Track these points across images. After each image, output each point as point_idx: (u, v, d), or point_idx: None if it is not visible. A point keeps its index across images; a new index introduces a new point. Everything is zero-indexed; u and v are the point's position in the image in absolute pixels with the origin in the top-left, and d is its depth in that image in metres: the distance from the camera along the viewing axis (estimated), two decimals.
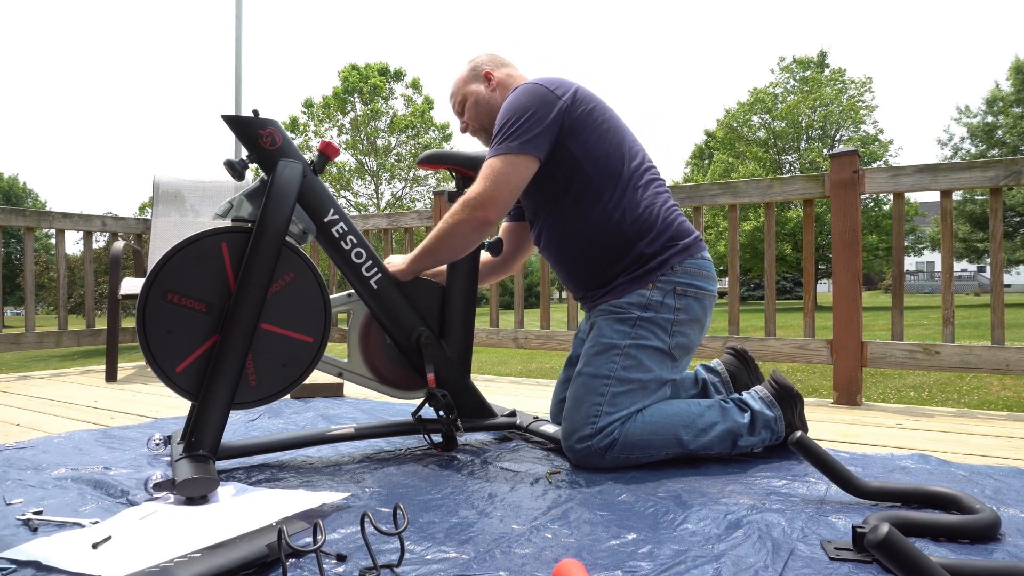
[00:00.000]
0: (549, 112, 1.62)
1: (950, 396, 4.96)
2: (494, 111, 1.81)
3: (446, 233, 1.66)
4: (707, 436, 1.58)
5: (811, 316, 2.80)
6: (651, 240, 1.67)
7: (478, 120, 1.86)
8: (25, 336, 3.77)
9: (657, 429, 1.56)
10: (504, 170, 1.60)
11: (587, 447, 1.56)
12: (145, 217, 4.48)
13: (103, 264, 12.99)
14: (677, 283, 1.65)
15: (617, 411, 1.57)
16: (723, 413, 1.62)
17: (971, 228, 23.84)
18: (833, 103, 24.81)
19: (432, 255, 1.71)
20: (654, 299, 1.64)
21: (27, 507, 1.34)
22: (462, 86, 1.87)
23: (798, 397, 1.68)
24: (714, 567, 1.02)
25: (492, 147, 1.64)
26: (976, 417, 2.32)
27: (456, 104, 1.90)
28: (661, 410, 1.59)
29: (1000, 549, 1.08)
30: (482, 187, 1.61)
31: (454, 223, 1.64)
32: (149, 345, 1.51)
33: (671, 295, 1.65)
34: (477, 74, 1.86)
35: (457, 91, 1.89)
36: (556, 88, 1.66)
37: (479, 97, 1.84)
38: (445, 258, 1.72)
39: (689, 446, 1.57)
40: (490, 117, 1.83)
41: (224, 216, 1.60)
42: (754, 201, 2.88)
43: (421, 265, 1.74)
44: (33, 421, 2.36)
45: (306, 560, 1.06)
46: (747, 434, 1.61)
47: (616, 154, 1.69)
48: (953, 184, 2.45)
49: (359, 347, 1.85)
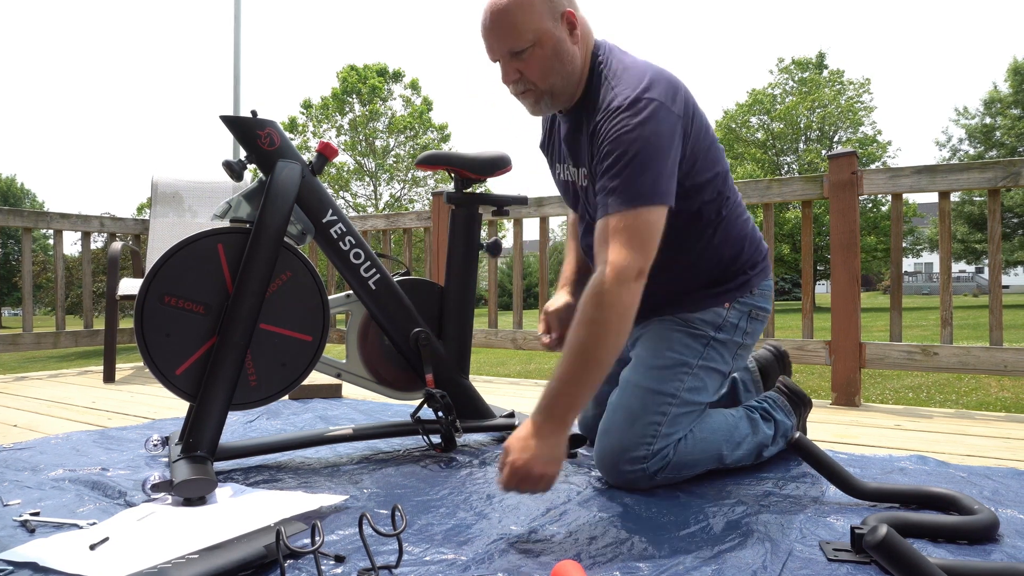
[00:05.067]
0: (674, 141, 1.32)
1: (948, 397, 4.96)
2: (574, 73, 1.40)
3: (613, 322, 1.20)
4: (741, 450, 1.51)
5: (810, 317, 2.80)
6: (738, 259, 1.54)
7: (549, 78, 1.38)
8: (22, 337, 3.77)
9: (706, 447, 1.46)
10: (650, 228, 1.26)
11: (639, 470, 1.39)
12: (143, 218, 4.48)
13: (101, 264, 12.97)
14: (753, 307, 1.55)
15: (675, 433, 1.42)
16: (753, 425, 1.55)
17: (969, 229, 23.87)
18: (832, 104, 24.84)
19: (599, 365, 1.21)
20: (729, 320, 1.52)
21: (24, 508, 1.34)
22: (531, 19, 1.33)
23: (809, 403, 1.67)
24: (712, 567, 1.02)
25: (620, 188, 1.26)
26: (974, 418, 2.32)
27: (511, 41, 1.35)
28: (707, 425, 1.49)
29: (998, 550, 1.08)
30: (630, 253, 1.22)
31: (615, 304, 1.20)
32: (148, 349, 1.50)
33: (746, 318, 1.54)
34: (555, 10, 1.36)
35: (520, 24, 1.33)
36: (673, 102, 1.34)
37: (560, 47, 1.36)
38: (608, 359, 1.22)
39: (726, 460, 1.49)
40: (566, 79, 1.39)
41: (222, 217, 1.60)
42: (752, 202, 2.88)
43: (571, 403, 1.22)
44: (30, 422, 2.35)
45: (304, 561, 1.06)
46: (770, 444, 1.57)
47: (717, 174, 1.46)
48: (951, 185, 2.45)
49: (357, 348, 1.85)
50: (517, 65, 1.38)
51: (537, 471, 1.17)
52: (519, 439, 1.19)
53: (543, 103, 1.43)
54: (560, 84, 1.40)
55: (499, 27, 1.35)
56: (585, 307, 1.22)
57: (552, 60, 1.37)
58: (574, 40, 1.39)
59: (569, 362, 1.20)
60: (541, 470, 1.17)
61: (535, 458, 1.17)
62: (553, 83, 1.40)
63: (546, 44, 1.35)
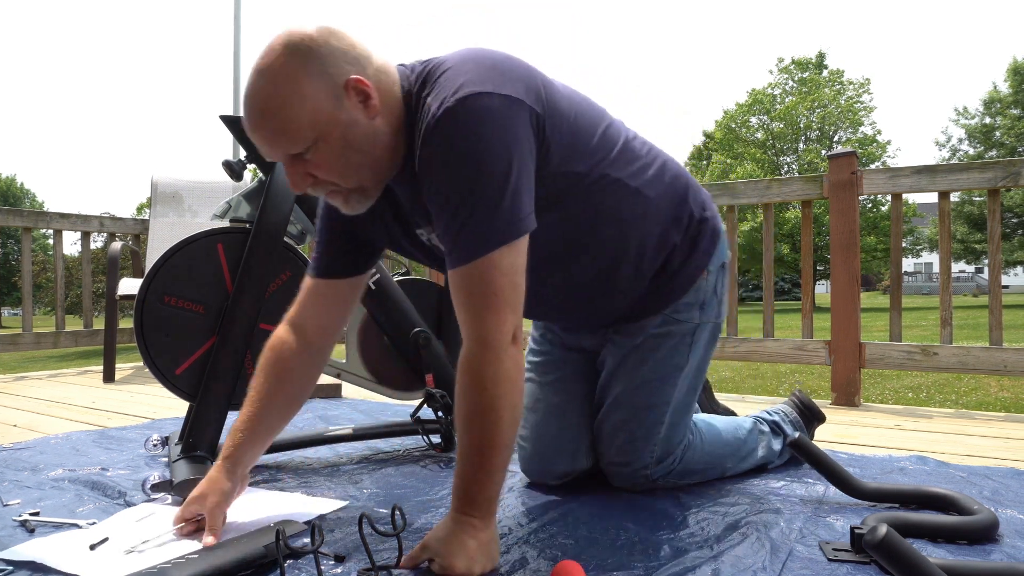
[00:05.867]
0: (516, 134, 1.02)
1: (948, 397, 4.96)
2: (383, 156, 1.06)
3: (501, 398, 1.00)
4: (746, 463, 1.51)
5: (809, 317, 2.80)
6: (684, 216, 1.30)
7: (349, 174, 1.05)
8: (22, 336, 3.76)
9: (711, 460, 1.45)
10: (508, 276, 1.01)
11: (643, 477, 1.37)
12: (143, 217, 4.48)
13: (101, 264, 12.96)
14: (721, 257, 1.37)
15: (678, 435, 1.38)
16: (762, 438, 1.54)
17: (969, 229, 23.88)
18: (831, 104, 24.85)
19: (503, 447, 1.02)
20: (709, 289, 1.35)
21: (24, 508, 1.34)
22: (303, 111, 0.98)
23: (822, 417, 1.65)
24: (712, 568, 1.02)
25: (459, 236, 1.00)
26: (974, 418, 2.32)
27: (283, 144, 1.01)
28: (717, 437, 1.47)
29: (998, 550, 1.08)
30: (493, 316, 1.00)
31: (497, 379, 1.00)
32: (148, 349, 1.50)
33: (720, 276, 1.37)
34: (334, 84, 1.00)
35: (290, 122, 0.99)
36: (502, 82, 1.03)
37: (352, 134, 1.02)
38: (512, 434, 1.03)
39: (729, 472, 1.49)
40: (373, 167, 1.06)
41: (222, 217, 1.60)
42: (752, 202, 2.88)
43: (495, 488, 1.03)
44: (30, 422, 2.35)
45: (304, 561, 1.06)
46: (777, 459, 1.57)
47: (616, 145, 1.21)
48: (951, 185, 2.45)
49: (357, 348, 1.85)
50: (304, 168, 1.03)
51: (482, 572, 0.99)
52: (450, 543, 0.98)
53: (354, 201, 1.09)
54: (369, 176, 1.06)
55: (263, 128, 1.00)
56: (466, 393, 1.01)
57: (346, 153, 1.02)
58: (371, 113, 1.02)
59: (472, 458, 1.01)
60: (485, 569, 1.00)
61: (475, 563, 0.98)
62: (359, 179, 1.06)
63: (332, 137, 1.00)
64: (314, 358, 1.26)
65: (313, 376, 1.28)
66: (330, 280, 1.24)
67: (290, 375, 1.24)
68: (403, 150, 1.09)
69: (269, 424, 1.24)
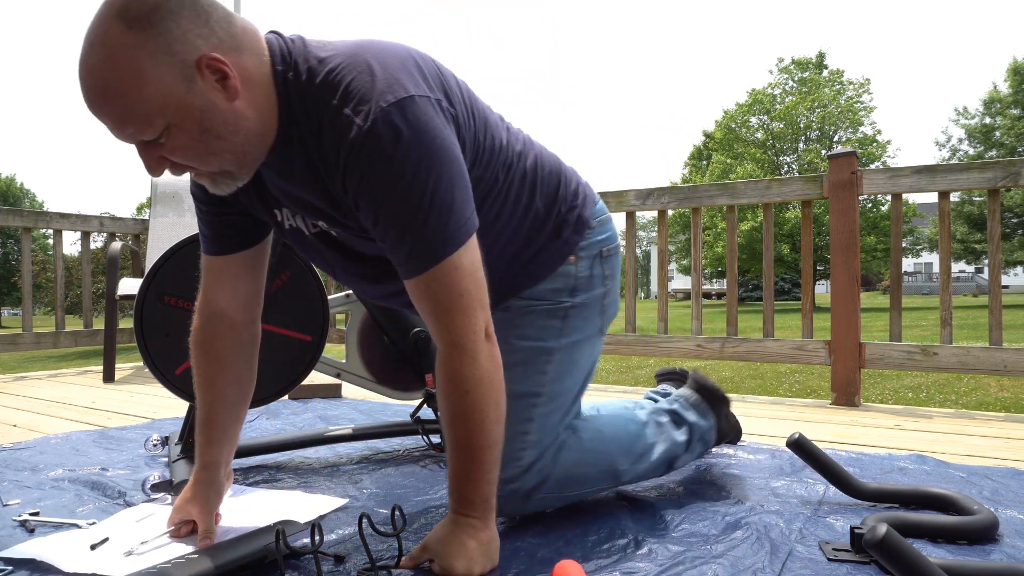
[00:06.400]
0: (450, 136, 0.98)
1: (948, 397, 4.96)
2: (249, 139, 0.95)
3: (486, 396, 0.99)
4: (645, 462, 1.30)
5: (809, 317, 2.80)
6: (555, 200, 1.24)
7: (211, 159, 0.95)
8: (22, 336, 3.76)
9: (594, 459, 1.24)
10: (468, 273, 0.99)
11: (511, 491, 1.15)
12: (143, 217, 4.48)
13: (101, 264, 12.97)
14: (599, 243, 1.29)
15: (548, 437, 1.18)
16: (660, 431, 1.35)
17: (969, 229, 23.87)
18: (831, 104, 24.84)
19: (494, 443, 1.01)
20: (581, 274, 1.25)
21: (24, 508, 1.34)
22: (148, 97, 0.86)
23: (726, 400, 1.50)
24: (712, 568, 1.02)
25: (415, 247, 0.96)
26: (974, 418, 2.32)
27: (132, 131, 0.89)
28: (599, 433, 1.26)
29: (998, 550, 1.08)
30: (462, 316, 0.98)
31: (477, 378, 0.99)
32: (148, 349, 1.51)
33: (598, 263, 1.28)
34: (183, 63, 0.87)
35: (134, 110, 0.87)
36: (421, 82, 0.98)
37: (209, 117, 0.90)
38: (499, 430, 1.02)
39: (624, 477, 1.28)
40: (239, 150, 0.95)
41: None
42: (752, 202, 2.89)
43: (490, 487, 1.03)
44: (30, 422, 2.35)
45: (304, 561, 1.06)
46: (684, 452, 1.38)
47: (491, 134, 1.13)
48: (951, 185, 2.45)
49: (357, 348, 1.85)
50: (157, 152, 0.92)
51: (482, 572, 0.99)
52: (449, 544, 0.99)
53: (221, 183, 0.99)
54: (232, 161, 0.96)
55: (107, 115, 0.88)
56: (447, 398, 0.99)
57: (204, 139, 0.91)
58: (231, 95, 0.91)
59: (462, 460, 1.00)
60: (485, 569, 1.00)
61: (474, 563, 0.98)
62: (221, 163, 0.95)
63: (187, 122, 0.89)
64: (243, 334, 1.19)
65: (251, 352, 1.22)
66: (230, 255, 1.15)
67: (226, 359, 1.17)
68: (273, 134, 0.98)
69: (227, 415, 1.19)
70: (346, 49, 0.98)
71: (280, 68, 0.96)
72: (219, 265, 1.16)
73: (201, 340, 1.18)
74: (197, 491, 1.16)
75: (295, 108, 0.97)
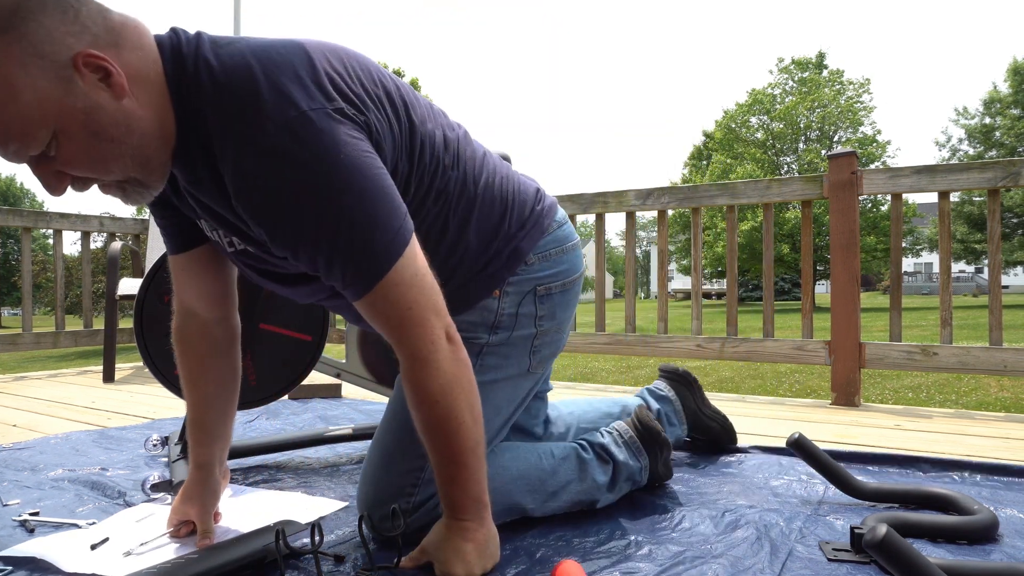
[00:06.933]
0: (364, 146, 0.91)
1: (948, 397, 4.96)
2: (146, 140, 0.88)
3: (456, 399, 0.96)
4: (557, 501, 1.22)
5: (809, 317, 2.80)
6: (497, 231, 1.14)
7: (110, 166, 0.88)
8: (22, 336, 3.76)
9: (498, 499, 1.12)
10: (412, 280, 0.94)
11: (399, 526, 1.03)
12: (143, 217, 4.48)
13: (101, 264, 12.97)
14: (536, 279, 1.17)
15: None
16: (580, 469, 1.25)
17: (969, 229, 23.88)
18: (831, 104, 24.85)
19: (474, 445, 0.98)
20: (505, 312, 1.15)
21: (24, 508, 1.34)
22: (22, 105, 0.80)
23: (665, 443, 1.36)
24: (712, 568, 1.02)
25: (351, 272, 0.92)
26: (974, 418, 2.32)
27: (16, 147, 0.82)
28: (504, 469, 1.17)
29: (998, 550, 1.08)
30: (416, 326, 0.94)
31: (445, 385, 0.95)
32: (148, 348, 1.51)
33: (531, 300, 1.17)
34: (55, 62, 0.80)
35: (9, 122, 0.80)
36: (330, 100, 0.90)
37: (97, 120, 0.84)
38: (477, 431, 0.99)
39: (533, 514, 1.20)
40: (138, 155, 0.88)
41: None
42: (752, 202, 2.88)
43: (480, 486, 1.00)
44: (30, 422, 2.35)
45: (304, 561, 1.06)
46: (606, 492, 1.28)
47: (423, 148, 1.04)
48: (951, 185, 2.45)
49: (357, 348, 1.85)
50: (52, 167, 0.86)
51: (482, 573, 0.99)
52: (446, 549, 0.98)
53: (133, 193, 0.93)
54: (133, 165, 0.89)
55: None
56: (418, 409, 0.97)
57: (95, 144, 0.84)
58: (117, 92, 0.84)
59: (446, 467, 0.98)
60: (486, 569, 0.99)
61: (472, 565, 0.97)
62: (122, 169, 0.88)
63: (73, 128, 0.82)
64: (216, 331, 1.17)
65: (229, 350, 1.19)
66: (190, 252, 1.13)
67: (204, 359, 1.16)
68: (174, 138, 0.91)
69: (214, 414, 1.17)
70: (238, 53, 0.89)
71: (171, 67, 0.89)
72: (182, 264, 1.14)
73: (179, 340, 1.18)
74: (193, 491, 1.16)
75: (189, 111, 0.90)
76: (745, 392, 4.98)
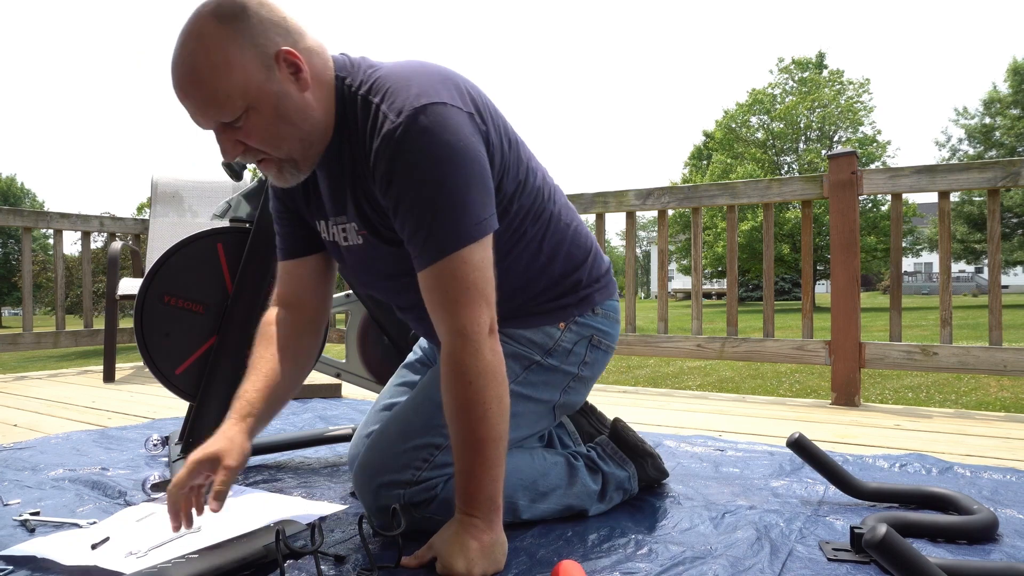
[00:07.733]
0: (478, 146, 1.05)
1: (948, 397, 4.96)
2: (314, 130, 1.07)
3: (487, 389, 1.01)
4: (546, 503, 1.23)
5: (809, 317, 2.80)
6: (574, 273, 1.26)
7: (281, 145, 1.05)
8: (22, 336, 3.77)
9: None
10: (479, 270, 1.03)
11: (396, 496, 1.12)
12: (143, 217, 4.48)
13: (101, 264, 12.98)
14: (595, 331, 1.28)
15: (451, 465, 1.12)
16: (570, 475, 1.27)
17: (969, 229, 23.87)
18: (831, 104, 24.84)
19: (497, 440, 1.02)
20: (563, 344, 1.24)
21: (24, 508, 1.34)
22: (233, 80, 0.99)
23: (648, 454, 1.39)
24: (712, 568, 1.02)
25: (431, 235, 1.01)
26: (974, 418, 2.32)
27: (214, 112, 1.01)
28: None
29: (998, 550, 1.08)
30: (469, 308, 1.02)
31: (480, 370, 1.01)
32: (148, 348, 1.51)
33: (585, 344, 1.26)
34: (264, 54, 1.00)
35: (220, 91, 0.99)
36: (459, 98, 1.06)
37: (284, 104, 1.02)
38: (502, 427, 1.03)
39: (523, 514, 1.21)
40: (305, 140, 1.07)
41: (222, 216, 1.60)
42: (752, 202, 2.89)
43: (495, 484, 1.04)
44: (30, 422, 2.35)
45: (304, 561, 1.06)
46: (597, 501, 1.29)
47: (528, 177, 1.18)
48: (951, 185, 2.45)
49: (357, 348, 1.85)
50: (234, 136, 1.03)
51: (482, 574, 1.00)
52: (452, 544, 1.00)
53: (287, 173, 1.09)
54: (299, 148, 1.07)
55: (194, 97, 1.00)
56: (450, 388, 1.02)
57: (277, 124, 1.03)
58: (303, 86, 1.03)
59: (465, 454, 1.02)
60: (487, 572, 1.01)
61: (474, 564, 0.99)
62: (289, 149, 1.06)
63: (264, 106, 1.01)
64: (311, 329, 1.26)
65: (314, 349, 1.28)
66: (298, 259, 1.26)
67: (292, 347, 1.22)
68: (331, 132, 1.10)
69: (278, 395, 1.19)
70: (396, 66, 1.10)
71: (341, 75, 1.09)
72: (291, 268, 1.27)
73: (275, 324, 1.24)
74: (235, 442, 1.07)
75: (348, 110, 1.09)
76: (745, 392, 4.98)
